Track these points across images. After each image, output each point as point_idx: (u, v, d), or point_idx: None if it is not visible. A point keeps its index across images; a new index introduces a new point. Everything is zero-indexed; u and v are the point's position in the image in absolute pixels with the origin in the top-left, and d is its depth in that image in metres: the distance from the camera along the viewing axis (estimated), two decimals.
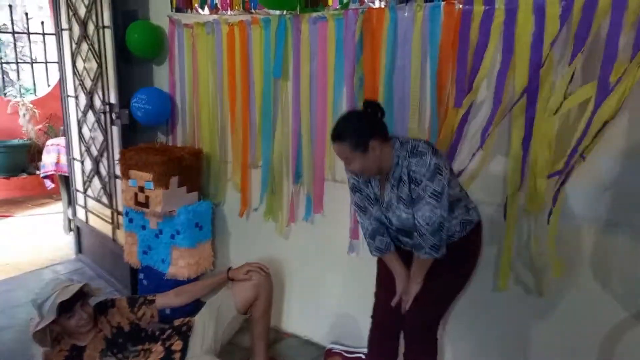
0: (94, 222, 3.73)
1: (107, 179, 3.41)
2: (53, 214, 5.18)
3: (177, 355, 2.15)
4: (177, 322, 2.31)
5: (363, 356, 2.44)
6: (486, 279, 2.12)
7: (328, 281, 2.68)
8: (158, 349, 2.17)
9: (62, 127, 4.13)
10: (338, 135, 1.75)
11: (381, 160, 1.76)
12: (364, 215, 1.97)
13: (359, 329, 2.54)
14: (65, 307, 1.99)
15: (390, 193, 1.82)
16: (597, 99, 1.56)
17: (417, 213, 1.74)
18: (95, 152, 3.49)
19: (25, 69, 6.50)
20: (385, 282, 2.07)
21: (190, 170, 2.88)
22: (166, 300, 2.31)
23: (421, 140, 1.79)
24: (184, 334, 2.22)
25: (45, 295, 2.01)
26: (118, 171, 3.10)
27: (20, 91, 6.22)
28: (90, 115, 3.46)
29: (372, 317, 2.13)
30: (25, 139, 5.94)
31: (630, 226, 1.77)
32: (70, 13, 3.45)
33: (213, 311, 2.30)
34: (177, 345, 2.18)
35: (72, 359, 2.08)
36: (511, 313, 2.10)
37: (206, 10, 2.81)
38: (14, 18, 5.92)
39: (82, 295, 2.07)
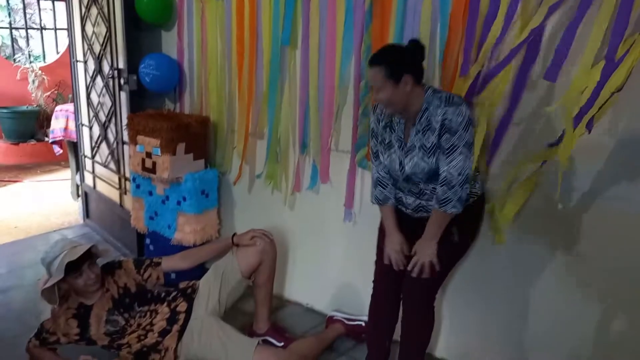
0: (101, 187, 3.77)
1: (114, 145, 3.43)
2: (61, 180, 5.24)
3: (182, 316, 2.20)
4: (182, 285, 2.35)
5: (363, 324, 2.48)
6: (487, 249, 2.15)
7: (330, 251, 2.71)
8: (164, 309, 2.21)
9: (70, 94, 4.15)
10: (376, 59, 1.78)
11: (409, 100, 1.79)
12: (375, 162, 2.03)
13: (359, 297, 2.58)
14: (73, 267, 2.03)
15: (414, 138, 1.84)
16: (605, 69, 1.55)
17: (451, 163, 1.76)
18: (103, 118, 3.51)
19: (34, 36, 6.50)
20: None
21: (197, 137, 2.89)
22: (172, 263, 2.35)
23: (453, 93, 1.83)
24: (189, 296, 2.27)
25: (54, 254, 2.05)
26: (126, 137, 3.12)
27: (29, 58, 6.22)
28: (99, 81, 3.47)
29: (373, 282, 2.17)
30: (34, 106, 5.98)
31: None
32: None
33: (218, 275, 2.34)
34: (182, 306, 2.22)
35: (80, 316, 2.13)
36: (512, 284, 2.13)
37: None
38: None
39: (89, 255, 2.10)
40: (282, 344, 2.42)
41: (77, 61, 3.76)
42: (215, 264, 2.41)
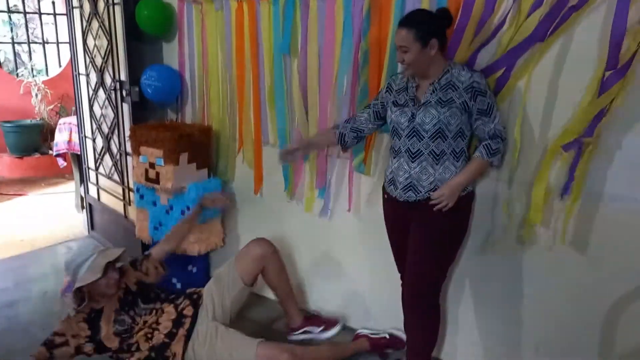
0: (105, 199, 3.79)
1: (118, 156, 3.45)
2: (66, 192, 5.25)
3: (188, 321, 2.21)
4: (189, 290, 2.38)
5: (387, 336, 2.48)
6: (493, 251, 2.15)
7: (340, 256, 2.71)
8: (170, 309, 2.24)
9: (73, 107, 4.18)
10: (408, 21, 1.83)
11: (430, 63, 1.87)
12: (361, 113, 2.18)
13: (367, 308, 2.58)
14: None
15: (430, 95, 1.91)
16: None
17: (495, 120, 1.88)
18: (106, 130, 3.54)
19: (36, 50, 6.54)
20: (399, 250, 2.17)
21: (200, 147, 2.91)
22: (158, 249, 2.44)
23: None
24: (195, 302, 2.28)
25: (84, 257, 2.12)
26: (129, 148, 3.14)
27: (32, 72, 6.27)
28: (101, 93, 3.49)
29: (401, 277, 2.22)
30: (38, 119, 6.01)
31: None
32: None
33: (219, 285, 2.36)
34: (189, 310, 2.24)
35: (91, 320, 2.17)
36: (518, 287, 2.13)
37: None
38: None
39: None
40: (322, 327, 2.45)
41: (79, 74, 3.79)
42: (216, 273, 2.44)
